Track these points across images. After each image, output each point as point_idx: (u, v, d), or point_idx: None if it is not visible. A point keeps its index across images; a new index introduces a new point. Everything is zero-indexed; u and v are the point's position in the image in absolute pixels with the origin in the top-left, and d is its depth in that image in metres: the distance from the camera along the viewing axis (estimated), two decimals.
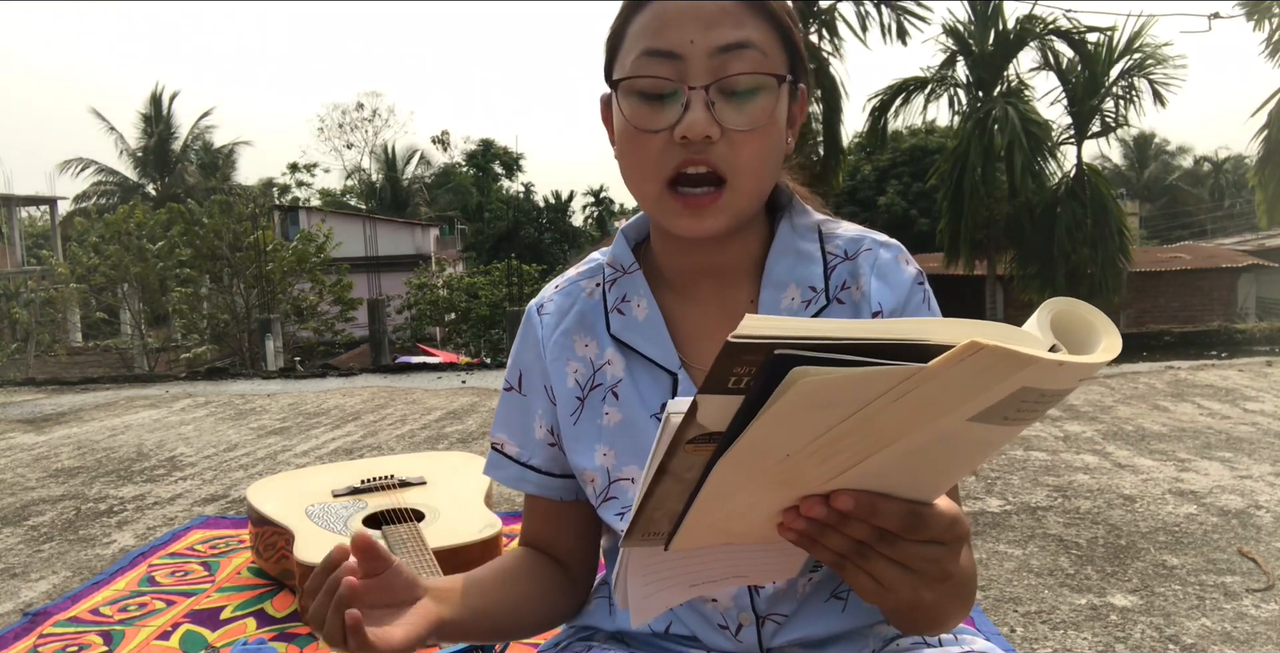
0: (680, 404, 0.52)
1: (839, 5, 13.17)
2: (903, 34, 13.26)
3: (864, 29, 13.10)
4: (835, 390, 0.48)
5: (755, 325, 0.47)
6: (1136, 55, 13.54)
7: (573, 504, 0.97)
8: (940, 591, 0.62)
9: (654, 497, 0.56)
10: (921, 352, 0.48)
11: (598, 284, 0.94)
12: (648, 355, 0.89)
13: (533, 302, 0.98)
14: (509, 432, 0.97)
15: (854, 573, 0.60)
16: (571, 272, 0.98)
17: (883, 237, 0.91)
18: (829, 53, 12.98)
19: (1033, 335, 0.52)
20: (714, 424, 0.51)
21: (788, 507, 0.58)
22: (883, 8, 13.18)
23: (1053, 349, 0.52)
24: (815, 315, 0.87)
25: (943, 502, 0.61)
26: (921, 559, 0.59)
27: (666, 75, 0.78)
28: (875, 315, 0.86)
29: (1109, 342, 0.52)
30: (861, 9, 13.13)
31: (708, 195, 0.79)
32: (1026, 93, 14.27)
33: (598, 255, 0.97)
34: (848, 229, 0.92)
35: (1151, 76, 13.60)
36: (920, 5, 13.28)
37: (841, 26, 13.11)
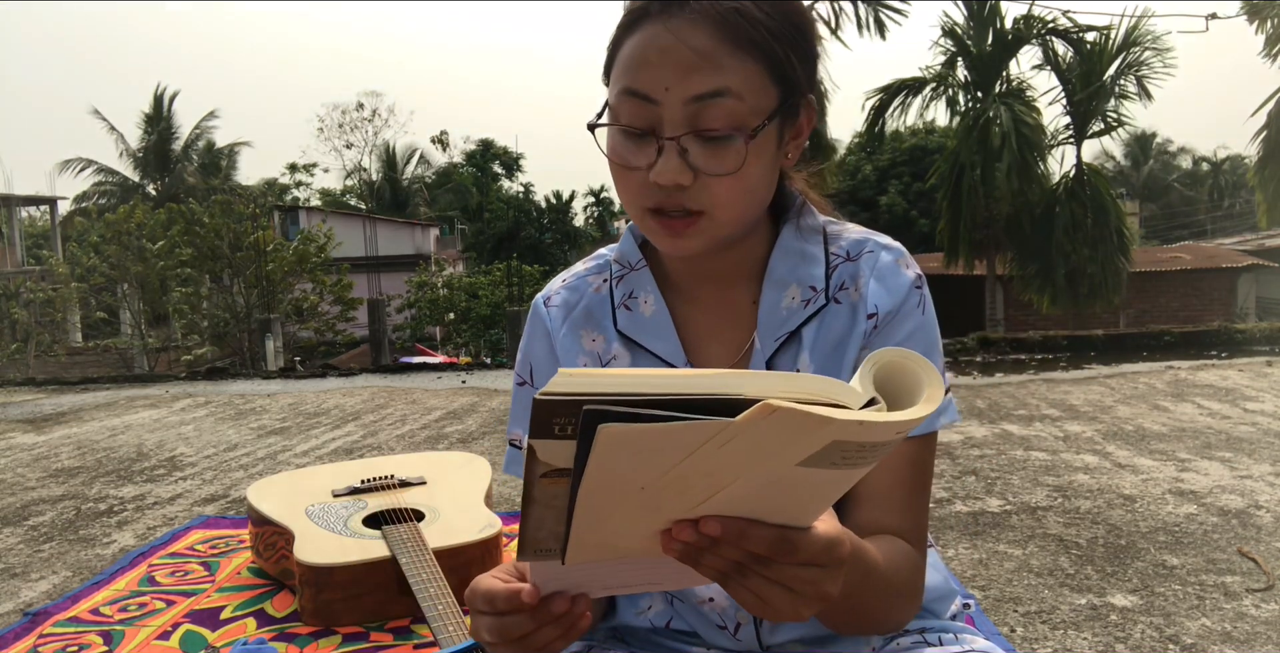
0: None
1: (816, 5, 13.18)
2: (881, 29, 13.25)
3: (838, 26, 13.11)
4: (645, 442, 0.49)
5: (565, 382, 0.49)
6: (1134, 50, 13.52)
7: None
8: (819, 608, 0.63)
9: (530, 521, 0.58)
10: (733, 406, 0.49)
11: (605, 280, 0.95)
12: (654, 352, 0.90)
13: (539, 295, 0.99)
14: (525, 426, 0.97)
15: (736, 589, 0.62)
16: (579, 267, 0.99)
17: (886, 239, 0.92)
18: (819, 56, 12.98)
19: (852, 390, 0.54)
20: (559, 462, 0.52)
21: (665, 529, 0.59)
22: (858, 3, 13.18)
23: (872, 402, 0.53)
24: (814, 315, 0.88)
25: (822, 524, 0.62)
26: (798, 580, 0.60)
27: (641, 124, 0.79)
28: (870, 317, 0.87)
29: (929, 393, 0.54)
30: (836, 6, 13.13)
31: (684, 221, 0.81)
32: (1029, 93, 14.26)
33: (605, 252, 0.98)
34: (852, 231, 0.92)
35: (1140, 73, 13.58)
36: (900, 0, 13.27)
37: (820, 25, 13.12)
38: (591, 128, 0.84)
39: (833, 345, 0.87)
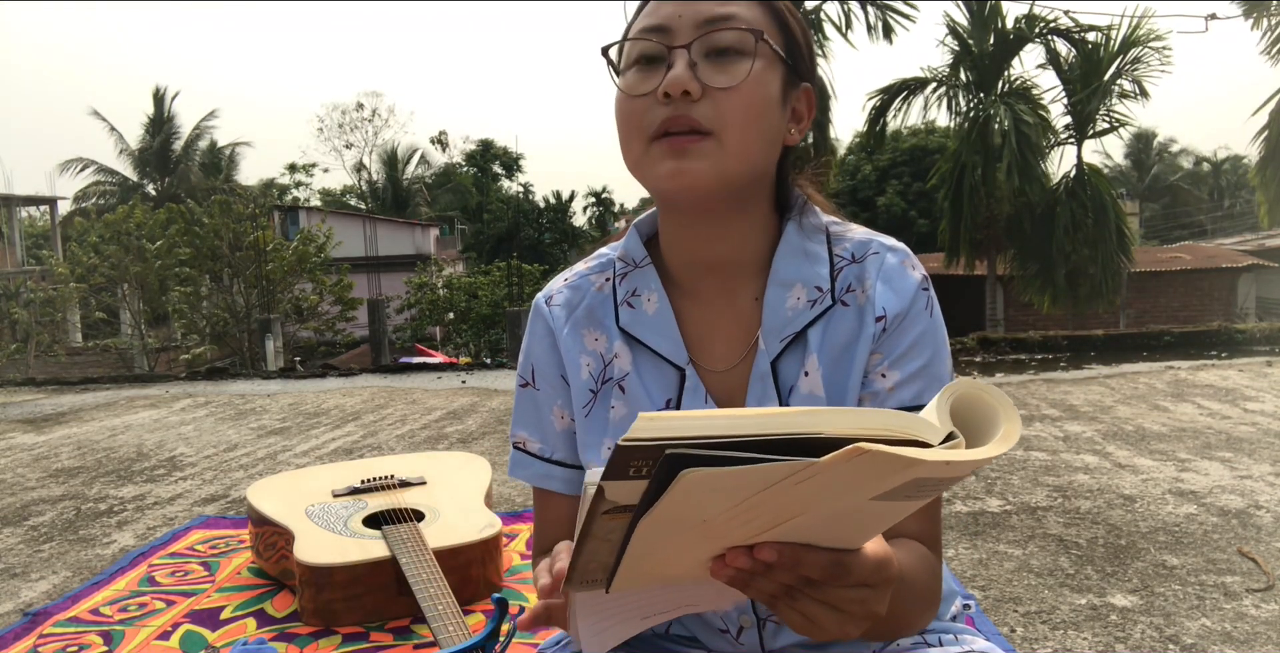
0: (595, 475, 0.53)
1: (824, 6, 13.20)
2: (888, 32, 13.27)
3: (848, 27, 13.12)
4: (725, 482, 0.49)
5: (647, 427, 0.49)
6: (1134, 49, 13.52)
7: None
8: (866, 626, 0.63)
9: (583, 555, 0.58)
10: (814, 445, 0.49)
11: (607, 278, 0.94)
12: (656, 349, 0.89)
13: (540, 294, 0.98)
14: (528, 429, 0.96)
15: (784, 611, 0.62)
16: (580, 266, 0.98)
17: (890, 240, 0.92)
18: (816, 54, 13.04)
19: (930, 424, 0.53)
20: (624, 499, 0.52)
21: (716, 555, 0.59)
22: (867, 6, 13.20)
23: (950, 437, 0.53)
24: (820, 316, 0.87)
25: (871, 545, 0.62)
26: (847, 601, 0.61)
27: (653, 52, 0.82)
28: (879, 320, 0.87)
29: (1008, 429, 0.53)
30: (845, 8, 13.14)
31: (690, 138, 0.80)
32: (1034, 92, 14.25)
33: (607, 250, 0.97)
34: (856, 232, 0.92)
35: (1138, 72, 13.58)
36: (907, 4, 13.29)
37: (827, 27, 13.16)
38: (604, 51, 0.86)
39: (841, 349, 0.87)
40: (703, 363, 0.89)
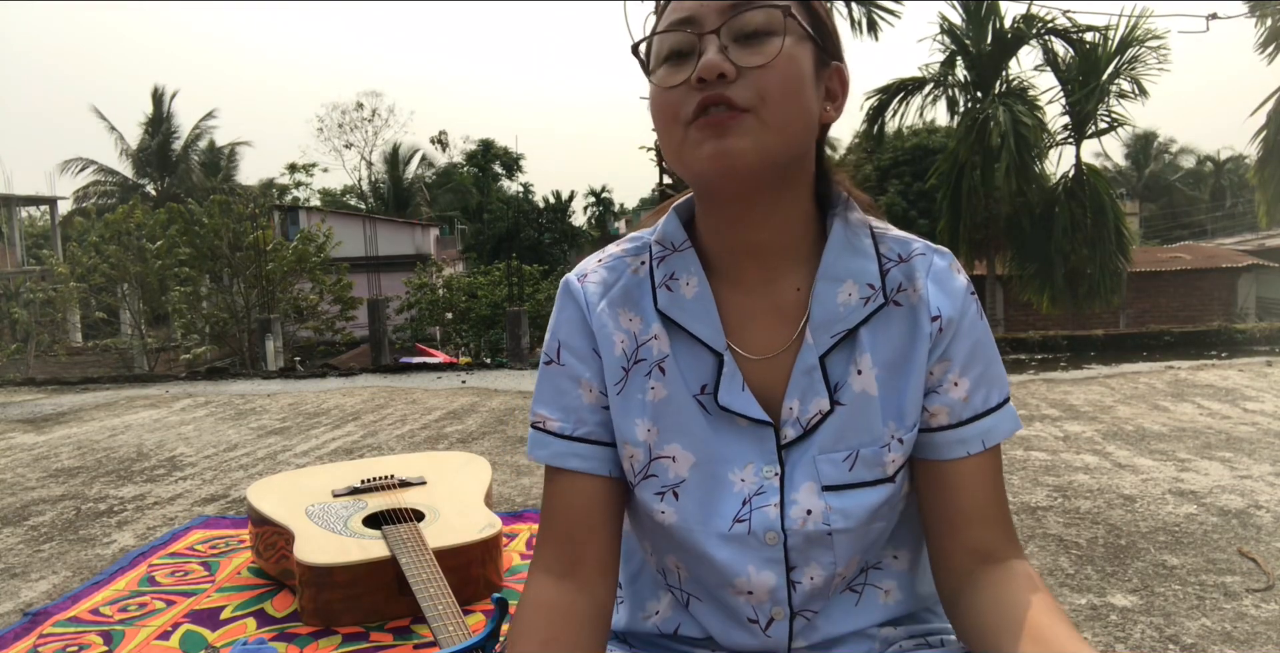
0: None
1: None
2: (873, 28, 13.27)
3: None
4: None
5: None
6: (1132, 49, 13.52)
7: (614, 485, 0.92)
8: None
9: None
10: None
11: (643, 262, 0.93)
12: (695, 333, 0.88)
13: (571, 273, 0.96)
14: (550, 407, 0.93)
15: None
16: (614, 248, 0.96)
17: (932, 243, 0.92)
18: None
19: None
20: None
21: None
22: (851, 4, 13.19)
23: None
24: (873, 314, 0.87)
25: None
26: None
27: (683, 45, 0.82)
28: (934, 320, 0.86)
29: None
30: (828, 5, 13.17)
31: (730, 114, 0.79)
32: (1031, 93, 14.25)
33: (643, 234, 0.96)
34: (895, 231, 0.92)
35: (1135, 71, 13.57)
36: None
37: None
38: (634, 49, 0.86)
39: (897, 350, 0.87)
40: (741, 349, 0.88)
